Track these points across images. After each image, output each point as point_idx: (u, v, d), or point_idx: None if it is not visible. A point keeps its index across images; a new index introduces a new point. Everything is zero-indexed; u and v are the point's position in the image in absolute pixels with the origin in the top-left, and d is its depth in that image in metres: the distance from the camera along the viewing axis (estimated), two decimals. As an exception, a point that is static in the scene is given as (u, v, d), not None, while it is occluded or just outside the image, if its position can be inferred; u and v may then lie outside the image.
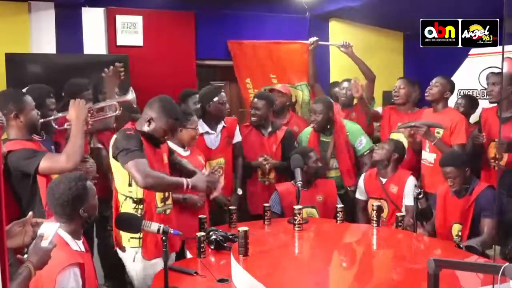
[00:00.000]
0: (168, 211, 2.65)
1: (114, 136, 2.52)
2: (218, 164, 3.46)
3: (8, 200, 2.39)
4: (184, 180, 2.51)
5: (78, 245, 2.02)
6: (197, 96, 3.66)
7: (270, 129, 3.77)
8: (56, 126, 2.73)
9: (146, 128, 2.54)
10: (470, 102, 4.01)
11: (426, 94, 3.62)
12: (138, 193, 2.50)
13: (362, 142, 3.84)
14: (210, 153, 3.44)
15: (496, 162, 3.27)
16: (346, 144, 3.81)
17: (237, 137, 3.64)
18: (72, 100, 2.53)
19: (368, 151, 3.80)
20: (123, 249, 2.57)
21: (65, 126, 2.65)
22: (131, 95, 2.80)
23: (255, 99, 3.80)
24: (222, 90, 3.74)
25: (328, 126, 3.80)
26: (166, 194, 2.65)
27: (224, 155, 3.51)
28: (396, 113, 3.94)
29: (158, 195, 2.58)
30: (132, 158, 2.37)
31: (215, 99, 3.44)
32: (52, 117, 2.71)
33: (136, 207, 2.50)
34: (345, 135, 3.82)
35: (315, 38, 4.46)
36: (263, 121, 3.75)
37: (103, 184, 2.98)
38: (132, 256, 2.53)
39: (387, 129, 3.95)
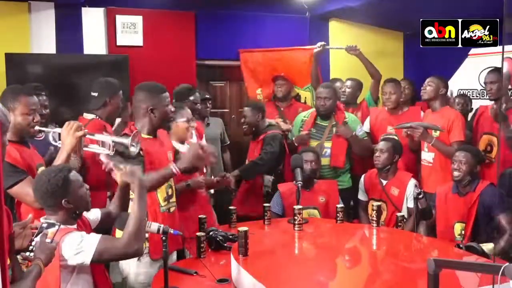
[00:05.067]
0: (172, 209, 2.66)
1: None
2: None
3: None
4: (170, 166, 2.50)
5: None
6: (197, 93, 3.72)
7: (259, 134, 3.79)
8: (52, 141, 2.46)
9: (148, 120, 2.55)
10: (466, 101, 4.07)
11: (422, 94, 3.65)
12: None
13: (362, 129, 3.91)
14: None
15: (487, 155, 3.33)
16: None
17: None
18: (68, 122, 2.32)
19: (366, 137, 3.88)
20: None
21: (57, 144, 2.40)
22: (133, 149, 2.36)
23: (245, 107, 3.83)
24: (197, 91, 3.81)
25: (333, 112, 3.85)
26: (169, 192, 2.65)
27: None
28: (387, 115, 3.95)
29: (161, 195, 2.59)
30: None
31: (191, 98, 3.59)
32: (52, 131, 2.45)
33: None
34: (345, 121, 3.85)
35: (322, 43, 4.49)
36: (254, 128, 3.76)
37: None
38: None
39: (375, 130, 3.96)
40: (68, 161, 2.30)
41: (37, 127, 2.40)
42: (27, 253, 1.61)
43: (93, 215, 2.19)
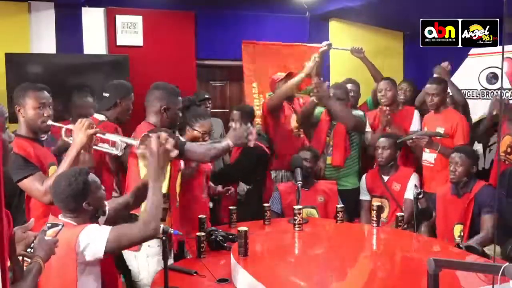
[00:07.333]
0: (177, 204, 2.67)
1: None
2: None
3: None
4: (229, 142, 2.56)
5: None
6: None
7: None
8: (65, 138, 2.47)
9: (160, 119, 2.56)
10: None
11: (429, 104, 3.55)
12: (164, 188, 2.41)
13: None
14: None
15: (507, 156, 3.30)
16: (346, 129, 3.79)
17: None
18: (80, 119, 2.35)
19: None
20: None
21: (69, 140, 2.41)
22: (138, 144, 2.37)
23: (234, 111, 3.70)
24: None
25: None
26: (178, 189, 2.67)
27: None
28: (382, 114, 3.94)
29: (178, 190, 2.62)
30: None
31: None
32: (64, 127, 2.46)
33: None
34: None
35: (328, 42, 4.45)
36: None
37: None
38: (145, 252, 2.49)
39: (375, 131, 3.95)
40: (78, 158, 2.30)
41: (49, 122, 2.41)
42: (27, 250, 1.61)
43: None
